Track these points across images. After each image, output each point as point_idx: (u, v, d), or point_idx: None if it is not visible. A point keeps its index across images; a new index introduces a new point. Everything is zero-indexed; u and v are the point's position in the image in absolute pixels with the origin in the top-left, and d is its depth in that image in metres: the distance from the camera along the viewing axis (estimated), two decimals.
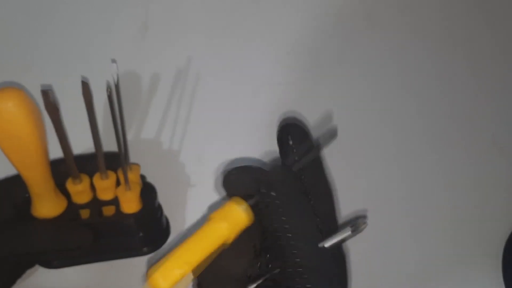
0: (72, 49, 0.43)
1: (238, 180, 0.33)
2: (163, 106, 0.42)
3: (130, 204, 0.35)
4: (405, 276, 0.39)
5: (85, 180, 0.34)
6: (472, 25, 0.47)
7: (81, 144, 0.37)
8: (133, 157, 0.38)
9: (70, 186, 0.34)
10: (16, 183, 0.33)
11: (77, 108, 0.38)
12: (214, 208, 0.40)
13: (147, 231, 0.36)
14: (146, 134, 0.42)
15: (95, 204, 0.35)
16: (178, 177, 0.41)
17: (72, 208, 0.35)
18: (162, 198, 0.38)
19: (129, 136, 0.41)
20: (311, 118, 0.43)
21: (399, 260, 0.40)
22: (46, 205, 0.34)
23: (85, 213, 0.35)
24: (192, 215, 0.39)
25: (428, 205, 0.42)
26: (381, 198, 0.41)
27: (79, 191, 0.34)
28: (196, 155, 0.41)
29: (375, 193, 0.42)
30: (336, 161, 0.42)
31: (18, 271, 0.35)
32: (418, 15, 0.47)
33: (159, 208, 0.37)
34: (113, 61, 0.31)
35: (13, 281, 0.35)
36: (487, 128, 0.44)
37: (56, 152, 0.32)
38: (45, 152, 0.31)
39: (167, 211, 0.38)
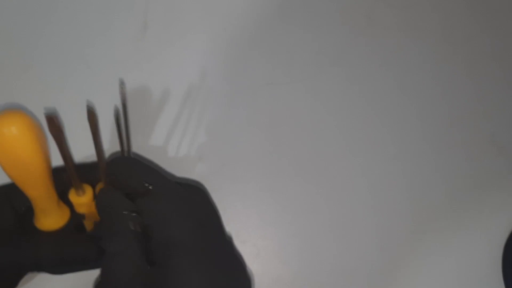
0: (72, 49, 0.43)
1: None
2: (162, 106, 0.42)
3: None
4: (405, 275, 0.40)
5: (88, 191, 0.34)
6: (471, 24, 0.47)
7: (82, 147, 0.37)
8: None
9: (73, 197, 0.33)
10: (17, 190, 0.32)
11: (78, 110, 0.37)
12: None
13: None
14: (146, 135, 0.42)
15: None
16: (179, 177, 0.41)
17: (75, 219, 0.34)
18: None
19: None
20: (311, 118, 0.43)
21: (398, 258, 0.40)
22: (49, 219, 0.33)
23: (89, 224, 0.35)
24: None
25: (427, 205, 0.42)
26: (380, 198, 0.41)
27: (83, 203, 0.34)
28: (197, 155, 0.41)
29: (374, 193, 0.42)
30: (336, 160, 0.42)
31: (21, 274, 0.35)
32: (418, 15, 0.47)
33: None
34: (121, 82, 0.31)
35: (16, 284, 0.35)
36: (486, 128, 0.44)
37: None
38: (49, 171, 0.31)
39: None
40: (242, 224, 0.40)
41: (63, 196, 0.34)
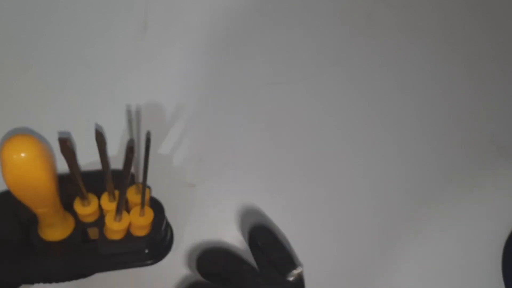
0: (72, 49, 0.43)
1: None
2: (162, 106, 0.42)
3: (142, 229, 0.34)
4: (405, 275, 0.40)
5: (94, 201, 0.34)
6: (471, 24, 0.47)
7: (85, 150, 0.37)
8: None
9: (78, 207, 0.33)
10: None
11: (79, 112, 0.38)
12: (215, 209, 0.40)
13: (153, 248, 0.36)
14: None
15: (104, 223, 0.34)
16: (179, 177, 0.41)
17: (80, 228, 0.34)
18: (163, 198, 0.38)
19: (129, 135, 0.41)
20: (311, 118, 0.43)
21: (399, 259, 0.40)
22: (55, 230, 0.33)
23: (93, 233, 0.35)
24: (192, 216, 0.39)
25: (428, 205, 0.42)
26: (380, 198, 0.41)
27: (88, 213, 0.34)
28: (198, 155, 0.41)
29: (375, 193, 0.42)
30: (336, 160, 0.42)
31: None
32: (418, 15, 0.47)
33: (167, 226, 0.37)
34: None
35: None
36: (486, 128, 0.44)
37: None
38: (57, 190, 0.31)
39: (167, 211, 0.38)
40: (242, 224, 0.40)
41: (67, 204, 0.34)
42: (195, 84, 0.43)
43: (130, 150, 0.28)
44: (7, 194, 0.33)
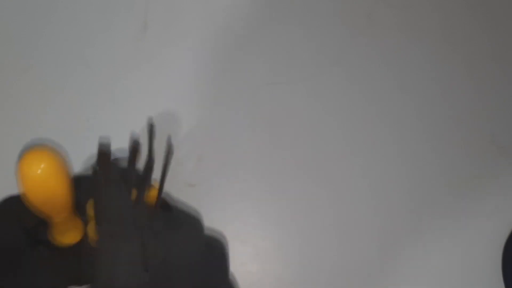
0: (72, 49, 0.43)
1: None
2: (162, 107, 0.42)
3: None
4: (405, 275, 0.40)
5: None
6: (471, 24, 0.47)
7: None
8: None
9: (91, 211, 0.33)
10: (25, 205, 0.31)
11: (79, 112, 0.37)
12: (212, 206, 0.40)
13: None
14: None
15: None
16: (179, 176, 0.41)
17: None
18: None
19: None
20: (311, 118, 0.43)
21: (398, 259, 0.40)
22: (67, 236, 0.33)
23: None
24: None
25: (427, 205, 0.42)
26: (380, 198, 0.41)
27: None
28: (197, 155, 0.41)
29: (375, 193, 0.42)
30: (336, 160, 0.42)
31: None
32: (418, 15, 0.47)
33: None
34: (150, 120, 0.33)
35: None
36: (486, 128, 0.44)
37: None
38: (72, 197, 0.31)
39: None
40: (242, 224, 0.40)
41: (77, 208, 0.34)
42: (195, 84, 0.43)
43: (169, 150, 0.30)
44: (11, 200, 0.33)
